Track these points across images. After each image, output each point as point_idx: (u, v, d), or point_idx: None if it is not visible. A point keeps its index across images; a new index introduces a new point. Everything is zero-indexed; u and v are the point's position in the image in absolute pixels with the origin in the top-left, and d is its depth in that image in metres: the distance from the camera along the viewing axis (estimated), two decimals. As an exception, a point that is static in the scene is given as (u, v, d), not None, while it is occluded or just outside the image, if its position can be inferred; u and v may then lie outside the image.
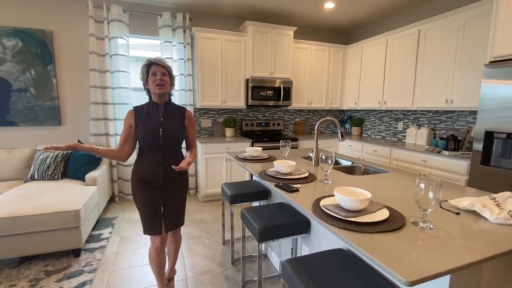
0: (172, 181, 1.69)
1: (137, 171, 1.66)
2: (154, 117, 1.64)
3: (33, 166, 2.93)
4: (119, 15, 3.39)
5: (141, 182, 1.64)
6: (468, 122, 3.06)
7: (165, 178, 1.66)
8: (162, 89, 1.60)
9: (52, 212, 2.15)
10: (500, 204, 1.11)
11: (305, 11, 3.87)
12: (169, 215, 1.69)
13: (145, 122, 1.62)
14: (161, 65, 1.60)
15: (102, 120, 3.52)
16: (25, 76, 3.23)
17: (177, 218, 1.74)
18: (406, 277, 0.70)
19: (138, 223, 3.00)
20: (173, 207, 1.71)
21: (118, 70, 3.47)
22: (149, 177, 1.63)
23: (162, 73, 1.60)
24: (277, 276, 2.08)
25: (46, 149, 1.37)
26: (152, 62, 1.60)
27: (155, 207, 1.64)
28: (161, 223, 1.66)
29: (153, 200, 1.64)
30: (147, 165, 1.64)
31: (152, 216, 1.64)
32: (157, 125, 1.62)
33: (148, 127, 1.61)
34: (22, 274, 2.05)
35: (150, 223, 1.64)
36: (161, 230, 1.66)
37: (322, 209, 1.13)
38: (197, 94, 3.73)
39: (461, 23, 2.78)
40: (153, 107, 1.67)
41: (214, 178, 3.66)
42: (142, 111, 1.66)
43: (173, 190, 1.70)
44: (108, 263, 2.22)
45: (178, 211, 1.74)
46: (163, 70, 1.61)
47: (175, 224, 1.73)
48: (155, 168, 1.63)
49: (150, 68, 1.59)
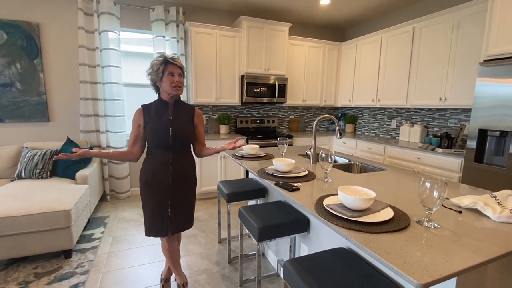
0: (182, 182, 1.64)
1: (145, 172, 1.61)
2: (163, 115, 1.60)
3: (20, 164, 2.82)
4: (110, 7, 3.27)
5: (149, 183, 1.59)
6: (461, 120, 3.10)
7: (174, 179, 1.61)
8: (179, 90, 1.57)
9: (42, 212, 2.07)
10: (501, 202, 1.12)
11: (301, 7, 3.84)
12: (177, 217, 1.65)
13: (154, 121, 1.57)
14: (178, 66, 1.56)
15: (93, 117, 3.41)
16: (10, 70, 3.09)
17: (184, 221, 1.69)
18: (418, 279, 0.68)
19: (132, 222, 2.94)
20: (181, 209, 1.66)
21: (109, 65, 3.37)
22: (158, 177, 1.58)
23: (179, 74, 1.56)
24: (274, 275, 2.07)
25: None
26: (169, 60, 1.54)
27: (163, 209, 1.60)
28: (168, 225, 1.63)
29: (161, 202, 1.60)
30: (156, 165, 1.59)
31: (159, 218, 1.60)
32: (167, 124, 1.58)
33: (157, 126, 1.56)
34: (11, 276, 1.97)
35: (157, 225, 1.60)
36: (167, 233, 1.63)
37: (326, 209, 1.11)
38: (191, 91, 3.66)
39: (456, 21, 2.80)
40: (163, 105, 1.62)
41: (209, 176, 3.62)
42: (150, 109, 1.61)
43: (182, 192, 1.65)
44: (101, 264, 2.16)
45: (186, 214, 1.69)
46: (180, 71, 1.57)
47: (182, 227, 1.69)
48: (164, 168, 1.59)
49: (167, 67, 1.53)
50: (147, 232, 1.63)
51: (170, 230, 1.64)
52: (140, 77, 3.84)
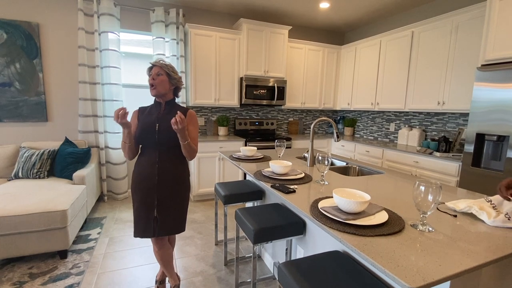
0: (169, 182, 1.61)
1: (135, 171, 1.64)
2: (153, 114, 1.63)
3: (17, 163, 2.81)
4: (110, 8, 3.28)
5: (137, 182, 1.60)
6: (459, 124, 3.11)
7: (161, 178, 1.59)
8: (153, 90, 1.58)
9: (38, 212, 2.06)
10: (496, 206, 1.11)
11: (300, 10, 3.86)
12: (164, 219, 1.60)
13: (143, 119, 1.62)
14: (157, 65, 1.60)
15: (91, 117, 3.41)
16: (9, 69, 3.09)
17: (171, 224, 1.62)
18: (410, 283, 0.68)
19: (128, 223, 2.93)
20: (169, 211, 1.61)
21: (108, 66, 3.37)
22: (145, 176, 1.58)
23: (156, 73, 1.58)
24: (270, 278, 2.06)
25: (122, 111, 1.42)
26: (151, 64, 1.62)
27: (149, 209, 1.59)
28: (154, 226, 1.60)
29: (146, 202, 1.58)
30: (144, 164, 1.60)
31: (145, 219, 1.58)
32: (154, 122, 1.59)
33: (145, 124, 1.59)
34: (5, 277, 1.96)
35: (142, 226, 1.59)
36: (154, 234, 1.60)
37: (320, 211, 1.11)
38: (190, 92, 3.66)
39: (454, 26, 2.81)
40: (156, 106, 1.67)
41: (207, 178, 3.61)
42: (145, 110, 1.67)
43: (170, 192, 1.61)
44: (96, 265, 2.15)
45: (174, 216, 1.63)
46: (158, 70, 1.59)
47: (168, 230, 1.61)
48: (151, 167, 1.59)
49: (151, 71, 1.62)
50: (134, 233, 1.62)
51: (156, 232, 1.60)
52: (140, 78, 3.84)
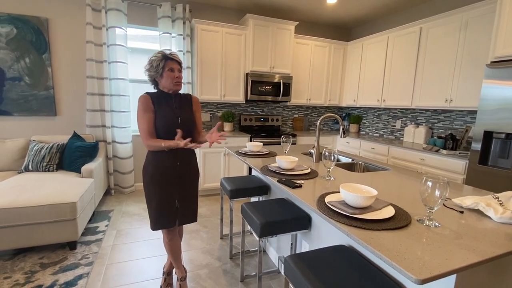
0: (189, 173, 1.70)
1: (152, 163, 1.60)
2: (169, 106, 1.64)
3: (28, 157, 2.87)
4: (118, 4, 3.30)
5: (158, 174, 1.60)
6: (466, 122, 3.08)
7: (182, 169, 1.66)
8: (179, 86, 1.64)
9: (48, 204, 2.11)
10: (503, 203, 1.12)
11: (307, 6, 3.83)
12: (184, 209, 1.70)
13: (162, 110, 1.60)
14: (178, 61, 1.61)
15: (99, 112, 3.46)
16: (19, 64, 3.14)
17: (191, 213, 1.75)
18: (417, 275, 0.69)
19: (135, 216, 2.97)
20: (188, 200, 1.72)
21: (115, 61, 3.40)
22: (168, 167, 1.61)
23: (178, 70, 1.62)
24: (275, 271, 2.08)
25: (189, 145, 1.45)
26: (168, 56, 1.58)
27: (171, 201, 1.64)
28: (176, 217, 1.67)
29: (169, 194, 1.63)
30: (163, 157, 1.61)
31: (167, 211, 1.63)
32: (175, 112, 1.63)
33: (166, 115, 1.59)
34: (17, 266, 2.02)
35: (165, 217, 1.63)
36: (174, 224, 1.67)
37: (327, 206, 1.12)
38: (196, 87, 3.68)
39: (463, 22, 2.77)
40: (165, 97, 1.65)
41: (212, 173, 3.64)
42: (155, 98, 1.62)
43: (189, 183, 1.71)
44: (105, 256, 2.20)
45: (193, 206, 1.75)
46: (179, 66, 1.62)
47: (189, 219, 1.74)
48: (172, 158, 1.62)
49: (167, 63, 1.57)
50: (154, 226, 1.62)
51: (178, 221, 1.68)
52: (146, 73, 3.87)
